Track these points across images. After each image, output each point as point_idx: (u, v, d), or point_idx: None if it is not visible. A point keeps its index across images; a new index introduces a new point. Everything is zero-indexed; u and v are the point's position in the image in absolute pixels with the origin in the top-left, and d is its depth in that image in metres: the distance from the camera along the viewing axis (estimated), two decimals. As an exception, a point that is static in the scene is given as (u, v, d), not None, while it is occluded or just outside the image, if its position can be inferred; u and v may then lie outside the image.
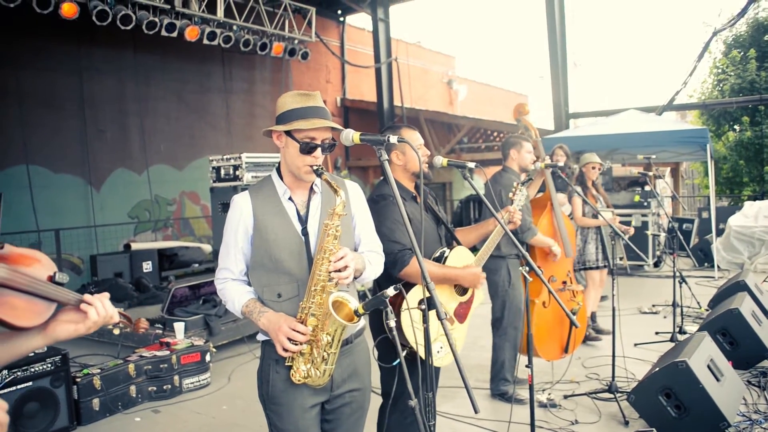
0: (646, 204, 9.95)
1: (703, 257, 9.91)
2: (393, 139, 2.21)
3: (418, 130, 3.22)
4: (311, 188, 2.43)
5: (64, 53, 9.83)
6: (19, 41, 9.13)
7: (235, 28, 10.06)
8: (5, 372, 4.15)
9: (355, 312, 2.15)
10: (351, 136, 2.25)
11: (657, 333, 6.31)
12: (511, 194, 3.64)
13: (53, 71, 9.65)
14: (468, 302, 3.32)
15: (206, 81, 12.07)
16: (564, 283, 4.95)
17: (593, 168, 6.07)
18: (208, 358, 5.45)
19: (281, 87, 13.23)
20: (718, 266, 9.39)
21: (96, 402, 4.70)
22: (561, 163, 4.94)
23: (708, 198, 12.01)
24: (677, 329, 6.01)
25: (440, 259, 3.16)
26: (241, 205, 2.38)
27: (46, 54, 9.57)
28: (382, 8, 13.61)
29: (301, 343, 2.23)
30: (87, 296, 1.57)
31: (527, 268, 3.14)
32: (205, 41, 9.62)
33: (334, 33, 15.03)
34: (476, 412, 1.99)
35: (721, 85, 17.55)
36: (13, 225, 8.81)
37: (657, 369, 4.14)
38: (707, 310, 6.60)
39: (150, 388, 5.09)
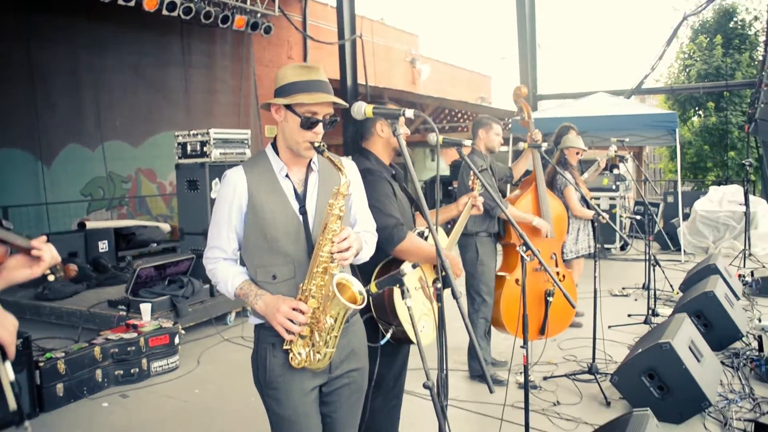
0: (614, 187, 10.05)
1: (669, 241, 10.07)
2: (409, 113, 2.09)
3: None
4: (309, 165, 2.29)
5: (12, 20, 9.21)
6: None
7: (195, -1, 9.70)
8: (-39, 356, 3.87)
9: (367, 291, 2.03)
10: (363, 109, 2.13)
11: (630, 315, 6.35)
12: (470, 182, 3.67)
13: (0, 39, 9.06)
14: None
15: (164, 54, 11.56)
16: (541, 263, 4.89)
17: (576, 153, 5.99)
18: (176, 340, 5.24)
19: (242, 62, 12.84)
20: (684, 250, 9.55)
21: (60, 387, 4.45)
22: (545, 145, 4.88)
23: (672, 182, 12.24)
24: (650, 311, 6.05)
25: (422, 237, 3.07)
26: (235, 181, 2.22)
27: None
28: (347, -19, 13.30)
29: (301, 324, 2.10)
30: (34, 242, 1.57)
31: (524, 248, 3.05)
32: (165, 12, 9.23)
33: (297, 8, 14.66)
34: (491, 392, 1.94)
35: (687, 70, 17.81)
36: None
37: (640, 350, 4.13)
38: (679, 293, 6.68)
39: (117, 372, 4.86)
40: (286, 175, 2.25)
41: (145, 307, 5.40)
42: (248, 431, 4.00)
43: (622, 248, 10.29)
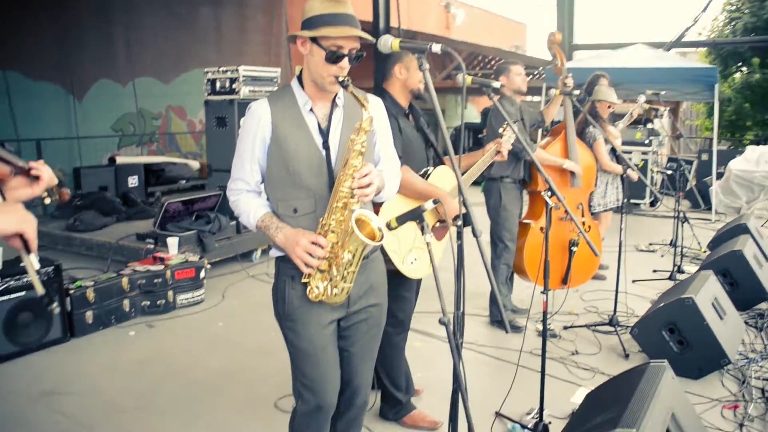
0: (647, 142, 9.83)
1: (701, 199, 9.88)
2: (436, 48, 2.04)
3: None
4: (333, 100, 2.27)
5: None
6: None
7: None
8: (-2, 280, 4.02)
9: (387, 225, 2.03)
10: (390, 42, 2.08)
11: (655, 271, 6.30)
12: (501, 129, 3.70)
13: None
14: (447, 225, 3.31)
15: (197, -8, 11.47)
16: (566, 212, 4.85)
17: (608, 107, 5.85)
18: (202, 274, 5.34)
19: (275, 1, 12.66)
20: (716, 210, 9.38)
21: (89, 315, 4.59)
22: (577, 91, 4.76)
23: (708, 140, 11.89)
24: (676, 268, 5.99)
25: (424, 177, 3.16)
26: (260, 113, 2.21)
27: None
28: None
29: (320, 258, 2.12)
30: (32, 163, 1.59)
31: (549, 193, 3.02)
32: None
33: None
34: (507, 332, 1.94)
35: (733, 23, 16.84)
36: (-9, 133, 8.46)
37: (662, 304, 4.11)
38: (706, 251, 6.59)
39: (143, 303, 4.98)
40: (311, 110, 2.24)
41: (172, 241, 5.49)
42: (270, 364, 4.09)
43: (652, 204, 10.13)
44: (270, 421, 3.38)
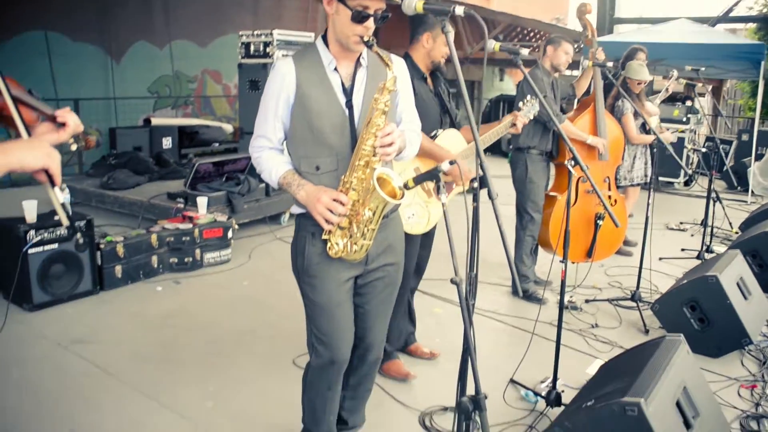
0: (684, 120, 9.61)
1: (738, 180, 9.64)
2: (459, 11, 2.02)
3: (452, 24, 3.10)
4: (358, 60, 2.28)
5: None
6: None
7: None
8: (33, 232, 4.15)
9: (405, 185, 2.05)
10: (414, 4, 2.07)
11: (683, 250, 6.21)
12: (521, 102, 3.70)
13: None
14: (450, 183, 3.37)
15: (235, -45, 11.47)
16: (590, 184, 4.80)
17: (638, 84, 5.75)
18: (230, 234, 5.44)
19: (312, -34, 12.59)
20: (752, 191, 9.16)
21: (118, 269, 4.72)
22: (609, 63, 4.67)
23: (750, 120, 11.54)
24: (705, 248, 5.90)
25: (431, 138, 3.26)
26: (284, 72, 2.23)
27: None
28: None
29: (341, 215, 2.15)
30: (58, 110, 1.67)
31: (572, 162, 3.00)
32: None
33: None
34: (519, 295, 1.94)
35: None
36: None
37: (685, 281, 4.08)
38: (738, 232, 6.47)
39: (171, 260, 5.10)
40: (335, 69, 2.25)
41: (202, 201, 5.59)
42: (291, 323, 4.17)
43: (686, 183, 9.95)
44: (288, 376, 3.47)
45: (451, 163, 1.96)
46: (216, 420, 3.05)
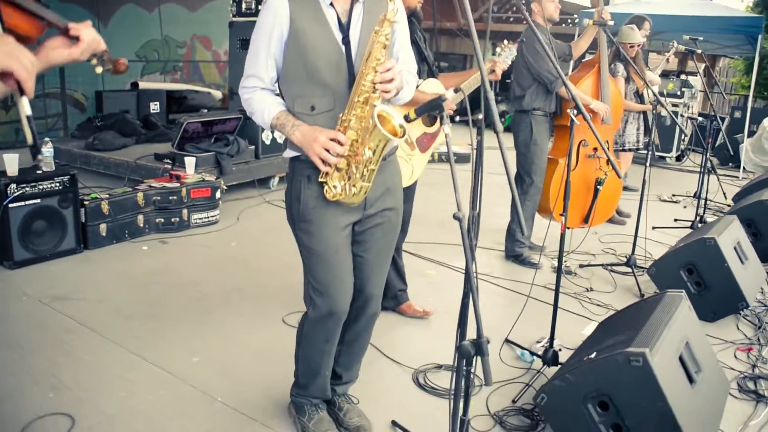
0: (679, 94, 9.53)
1: (729, 156, 9.59)
2: None
3: None
4: None
5: None
6: None
7: None
8: (14, 186, 4.00)
9: (405, 117, 1.95)
10: None
11: (676, 220, 6.16)
12: (499, 47, 3.58)
13: None
14: (433, 135, 3.36)
15: None
16: (594, 149, 4.72)
17: (631, 47, 5.68)
18: (218, 195, 5.31)
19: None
20: (744, 167, 9.13)
21: (103, 227, 4.59)
22: (611, 22, 4.55)
23: (743, 98, 11.48)
24: (698, 218, 5.84)
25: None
26: (277, 6, 2.10)
27: None
28: None
29: (339, 155, 2.05)
30: (72, 23, 1.50)
31: (575, 111, 2.91)
32: None
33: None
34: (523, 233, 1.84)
35: None
36: (16, 48, 8.38)
37: (682, 244, 4.02)
38: (731, 205, 6.42)
39: (158, 220, 4.97)
40: (330, 4, 2.13)
41: (190, 161, 5.45)
42: (280, 282, 4.09)
43: (678, 159, 9.89)
44: (277, 334, 3.38)
45: (456, 90, 1.85)
46: (203, 374, 2.95)
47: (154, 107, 9.04)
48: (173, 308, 3.69)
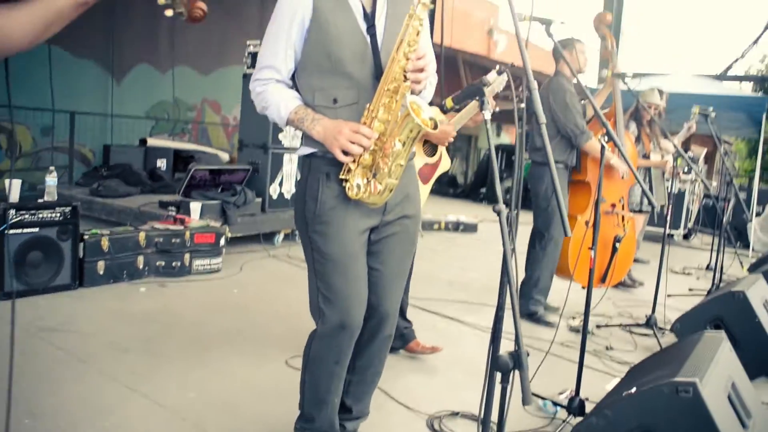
0: (685, 170, 9.53)
1: (737, 236, 9.50)
2: None
3: (455, 71, 2.99)
4: None
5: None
6: None
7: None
8: (13, 212, 3.86)
9: (441, 106, 1.83)
10: None
11: (691, 290, 5.99)
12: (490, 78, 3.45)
13: (89, -52, 9.07)
14: (434, 165, 3.30)
15: (244, -18, 11.47)
16: (613, 206, 4.61)
17: (650, 107, 5.71)
18: (222, 242, 5.15)
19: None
20: (753, 247, 9.01)
21: (101, 265, 4.40)
22: (629, 75, 4.53)
23: (749, 179, 11.49)
24: (715, 286, 5.66)
25: None
26: None
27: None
28: (434, -63, 12.96)
29: (365, 148, 1.91)
30: None
31: (606, 138, 2.80)
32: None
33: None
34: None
35: None
36: (27, 100, 8.45)
37: (709, 298, 3.84)
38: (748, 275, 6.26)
39: (158, 263, 4.79)
40: None
41: (195, 206, 5.33)
42: (284, 327, 3.88)
43: (686, 237, 9.79)
44: (280, 374, 3.16)
45: (500, 72, 1.75)
46: (199, 409, 2.71)
47: (161, 164, 9.02)
48: (170, 345, 3.46)
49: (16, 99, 8.38)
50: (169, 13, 1.44)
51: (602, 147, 2.86)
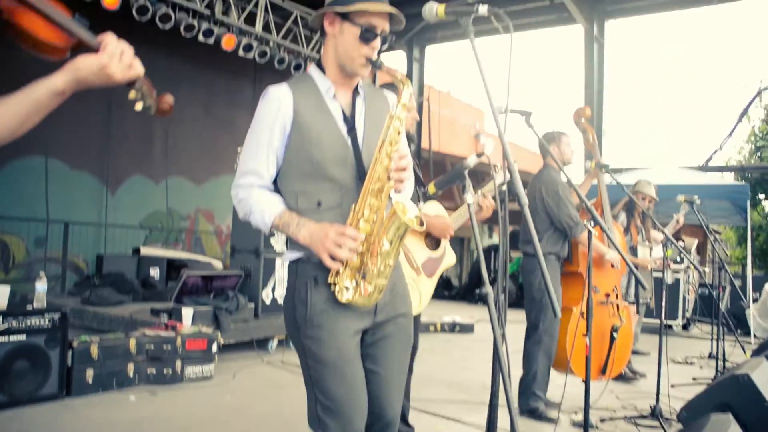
0: (678, 259, 9.58)
1: (736, 323, 9.42)
2: (483, 10, 1.93)
3: (443, 174, 3.14)
4: (355, 89, 2.11)
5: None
6: (53, 30, 8.99)
7: (271, 44, 9.97)
8: (0, 319, 3.80)
9: (424, 193, 1.87)
10: (435, 9, 1.97)
11: (695, 379, 5.86)
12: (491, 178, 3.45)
13: (85, 63, 9.45)
14: (439, 259, 3.29)
15: (236, 96, 11.81)
16: (607, 295, 4.59)
17: (643, 199, 5.82)
18: (214, 348, 5.06)
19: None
20: (754, 334, 8.92)
21: (90, 373, 4.30)
22: (609, 166, 4.64)
23: (742, 266, 11.53)
24: (719, 374, 5.55)
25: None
26: (280, 97, 2.00)
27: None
28: (418, 48, 13.60)
29: (352, 251, 1.88)
30: (101, 35, 1.43)
31: (592, 223, 2.83)
32: (241, 52, 9.46)
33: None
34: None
35: (759, 152, 16.92)
36: (23, 211, 8.57)
37: (714, 383, 3.74)
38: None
39: (149, 370, 4.68)
40: (333, 96, 2.07)
41: (187, 312, 5.27)
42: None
43: (685, 327, 9.69)
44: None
45: (479, 155, 1.80)
46: None
47: (154, 273, 8.99)
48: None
49: (11, 210, 8.51)
50: (138, 106, 1.51)
51: (589, 232, 2.88)
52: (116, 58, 1.41)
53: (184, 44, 9.17)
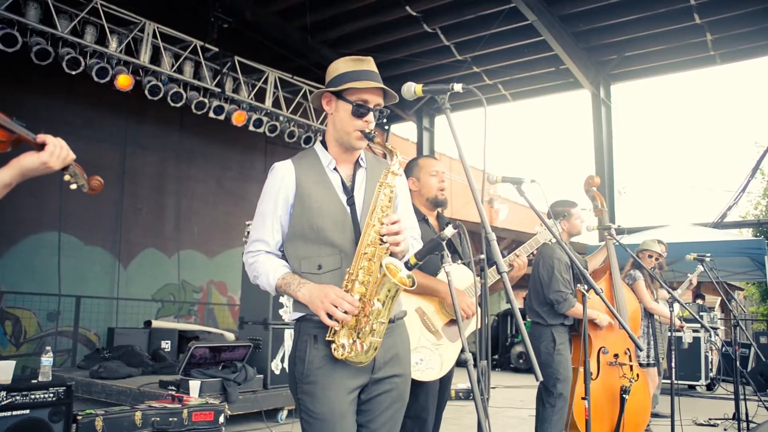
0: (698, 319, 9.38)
1: (764, 382, 9.14)
2: (457, 87, 2.06)
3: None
4: (357, 162, 2.29)
5: (113, 125, 9.93)
6: (71, 109, 9.24)
7: (281, 118, 10.24)
8: (3, 394, 3.79)
9: (406, 264, 1.93)
10: (413, 88, 2.15)
11: (718, 441, 5.65)
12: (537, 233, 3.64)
13: (100, 141, 9.63)
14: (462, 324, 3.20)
15: (247, 169, 12.09)
16: (616, 356, 4.50)
17: (650, 257, 5.78)
18: (221, 419, 4.98)
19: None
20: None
21: (94, 448, 4.24)
22: (620, 236, 4.62)
23: (766, 322, 11.31)
24: (743, 436, 5.35)
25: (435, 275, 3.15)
26: (283, 172, 2.22)
27: (96, 124, 9.65)
28: (428, 118, 13.88)
29: (348, 313, 1.99)
30: (41, 135, 1.64)
31: (586, 287, 2.81)
32: (251, 128, 9.73)
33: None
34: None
35: None
36: (36, 286, 8.66)
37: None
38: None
39: (155, 443, 4.60)
40: (334, 168, 2.24)
41: (194, 384, 5.23)
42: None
43: (709, 387, 9.40)
44: None
45: (455, 227, 1.91)
46: None
47: (165, 345, 8.97)
48: None
49: (24, 285, 8.61)
50: (73, 186, 1.73)
51: (583, 295, 2.86)
52: (55, 154, 1.62)
53: (196, 120, 9.44)
